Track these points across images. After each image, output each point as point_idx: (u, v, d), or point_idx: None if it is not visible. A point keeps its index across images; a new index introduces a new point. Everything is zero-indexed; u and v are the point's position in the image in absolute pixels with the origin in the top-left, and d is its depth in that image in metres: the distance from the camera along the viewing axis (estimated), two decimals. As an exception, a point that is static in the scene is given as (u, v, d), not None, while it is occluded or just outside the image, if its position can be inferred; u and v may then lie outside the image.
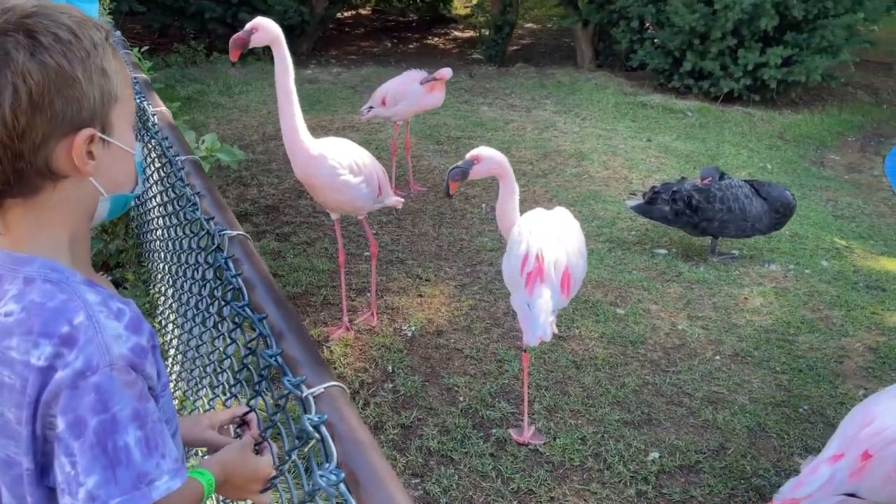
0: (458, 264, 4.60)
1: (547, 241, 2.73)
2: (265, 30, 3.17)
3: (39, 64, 0.98)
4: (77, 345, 0.98)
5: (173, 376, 2.67)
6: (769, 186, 4.73)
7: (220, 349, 1.94)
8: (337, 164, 3.38)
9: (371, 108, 5.59)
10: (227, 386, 1.89)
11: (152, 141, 2.86)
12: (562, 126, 7.91)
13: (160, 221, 2.95)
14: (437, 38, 14.80)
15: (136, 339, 1.03)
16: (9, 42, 0.97)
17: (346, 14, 15.72)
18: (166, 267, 2.83)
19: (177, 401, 2.52)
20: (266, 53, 10.31)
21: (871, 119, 9.71)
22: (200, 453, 2.04)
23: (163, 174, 2.72)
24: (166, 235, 2.72)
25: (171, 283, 2.75)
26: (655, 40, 9.84)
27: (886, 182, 7.34)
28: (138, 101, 3.08)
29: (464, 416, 3.22)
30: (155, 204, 3.14)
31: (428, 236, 4.96)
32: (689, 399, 3.36)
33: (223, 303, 1.85)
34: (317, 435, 1.11)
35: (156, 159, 2.89)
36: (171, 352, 2.85)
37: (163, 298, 3.16)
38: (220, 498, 1.70)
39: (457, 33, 15.28)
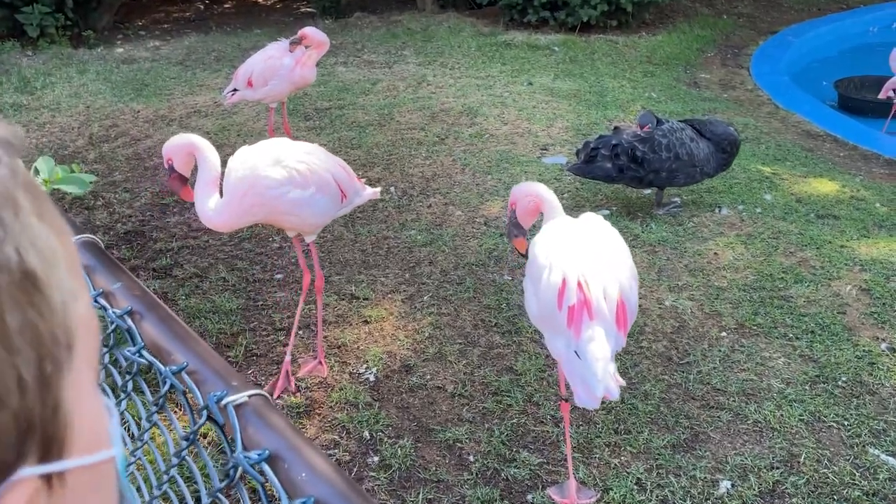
0: (393, 270, 3.83)
1: (588, 263, 2.04)
2: (179, 146, 2.53)
3: None
4: None
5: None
6: (711, 124, 4.32)
7: None
8: (273, 181, 2.55)
9: (235, 90, 4.58)
10: None
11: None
12: (433, 79, 7.17)
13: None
14: (253, -6, 13.36)
15: None
16: None
17: (142, -24, 13.78)
18: None
19: None
20: (63, 34, 8.65)
21: (718, 32, 9.78)
22: None
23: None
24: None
25: None
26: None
27: (764, 95, 7.30)
28: None
29: (483, 482, 2.53)
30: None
31: (344, 240, 4.12)
32: (724, 397, 2.88)
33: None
34: None
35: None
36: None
37: None
38: None
39: (274, -14, 13.88)
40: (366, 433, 2.75)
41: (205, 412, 1.09)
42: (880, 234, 4.10)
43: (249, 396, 1.07)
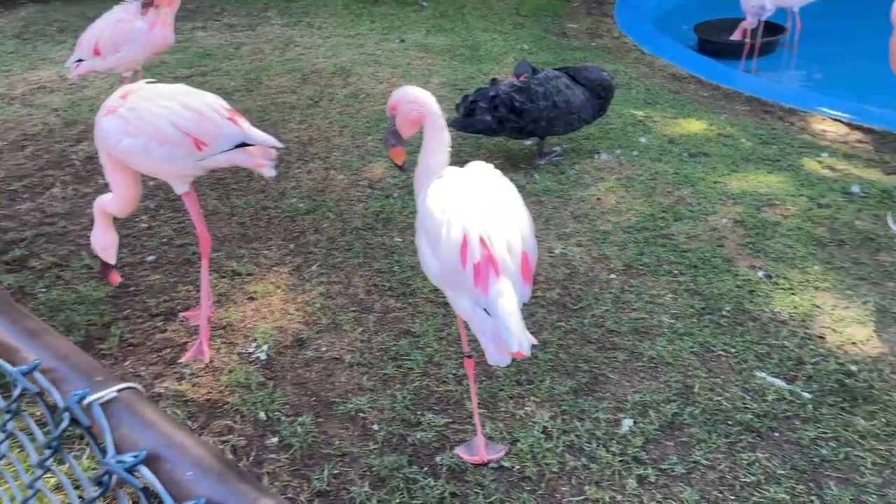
0: (276, 242, 3.63)
1: (487, 215, 1.97)
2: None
3: None
4: None
5: None
6: (585, 70, 4.34)
7: None
8: (104, 130, 2.54)
9: (80, 60, 4.18)
10: None
11: None
12: (301, 40, 6.87)
13: None
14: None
15: None
16: None
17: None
18: None
19: None
20: None
21: (581, -19, 9.91)
22: None
23: None
24: None
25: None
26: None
27: (630, 42, 7.46)
28: None
29: (390, 449, 2.46)
30: None
31: (221, 214, 3.87)
32: (619, 337, 2.93)
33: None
34: None
35: None
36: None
37: None
38: None
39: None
40: (261, 414, 2.60)
41: (66, 415, 0.94)
42: (748, 167, 4.29)
43: (119, 391, 0.93)
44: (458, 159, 4.49)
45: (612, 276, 3.33)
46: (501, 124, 4.19)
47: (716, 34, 7.48)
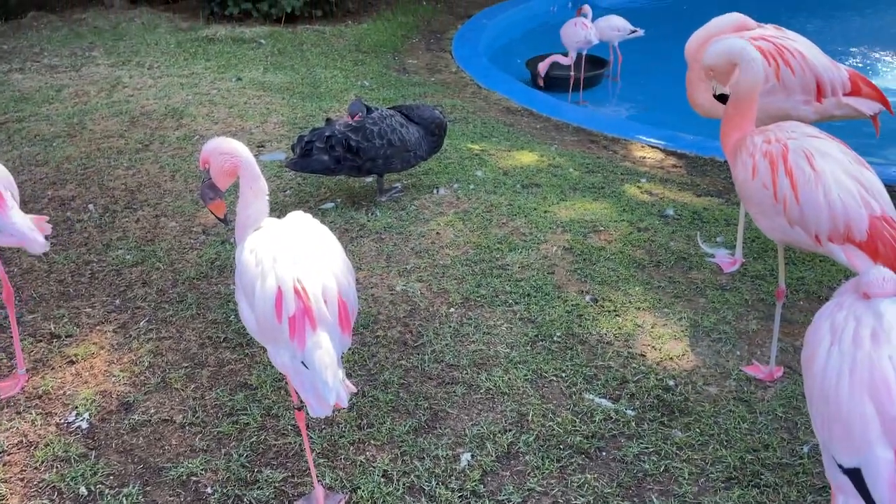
0: (100, 298, 3.42)
1: (302, 265, 1.95)
2: None
3: None
4: None
5: None
6: (418, 108, 4.44)
7: None
8: None
9: None
10: None
11: None
12: (130, 81, 6.58)
13: None
14: None
15: None
16: None
17: None
18: None
19: None
20: None
21: (420, 17, 10.16)
22: None
23: None
24: None
25: None
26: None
27: (467, 77, 7.71)
28: None
29: (225, 512, 2.35)
30: None
31: (36, 271, 3.60)
32: (458, 371, 2.98)
33: None
34: None
35: None
36: None
37: None
38: None
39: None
40: (82, 489, 2.42)
41: None
42: (575, 196, 4.53)
43: None
44: (300, 199, 4.45)
45: (452, 309, 3.39)
46: (339, 164, 4.19)
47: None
